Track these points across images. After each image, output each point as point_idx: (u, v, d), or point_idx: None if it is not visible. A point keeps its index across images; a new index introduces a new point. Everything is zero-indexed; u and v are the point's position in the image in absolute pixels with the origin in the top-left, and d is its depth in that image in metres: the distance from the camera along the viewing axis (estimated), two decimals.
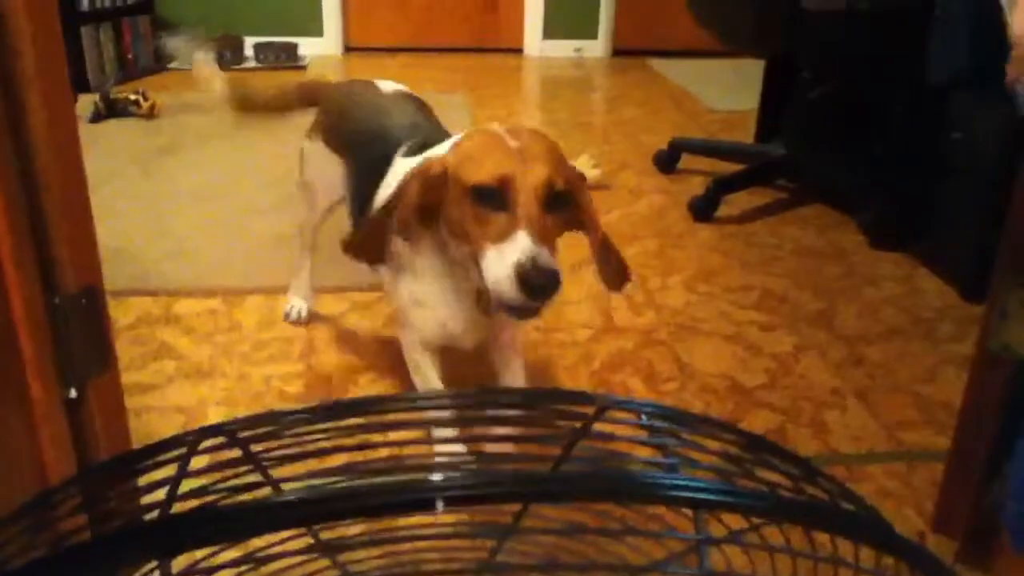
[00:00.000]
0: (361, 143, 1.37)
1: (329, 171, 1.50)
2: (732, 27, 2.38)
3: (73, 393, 0.93)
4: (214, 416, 1.46)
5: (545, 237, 0.98)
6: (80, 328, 0.93)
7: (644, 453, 0.37)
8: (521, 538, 0.42)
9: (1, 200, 0.81)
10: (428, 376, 1.30)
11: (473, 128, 1.13)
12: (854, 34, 2.21)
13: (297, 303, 1.81)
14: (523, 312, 1.00)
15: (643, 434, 0.36)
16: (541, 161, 1.02)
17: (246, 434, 0.34)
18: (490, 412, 0.44)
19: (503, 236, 0.98)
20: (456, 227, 1.06)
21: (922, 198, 2.12)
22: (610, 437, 0.37)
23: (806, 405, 1.55)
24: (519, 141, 1.04)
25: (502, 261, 0.97)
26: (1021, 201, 1.01)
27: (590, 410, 0.39)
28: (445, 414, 0.38)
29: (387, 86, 1.51)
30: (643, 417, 0.35)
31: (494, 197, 1.00)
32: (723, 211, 2.41)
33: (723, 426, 0.36)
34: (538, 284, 0.94)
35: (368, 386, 1.57)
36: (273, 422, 0.35)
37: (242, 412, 1.47)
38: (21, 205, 0.85)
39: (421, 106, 1.47)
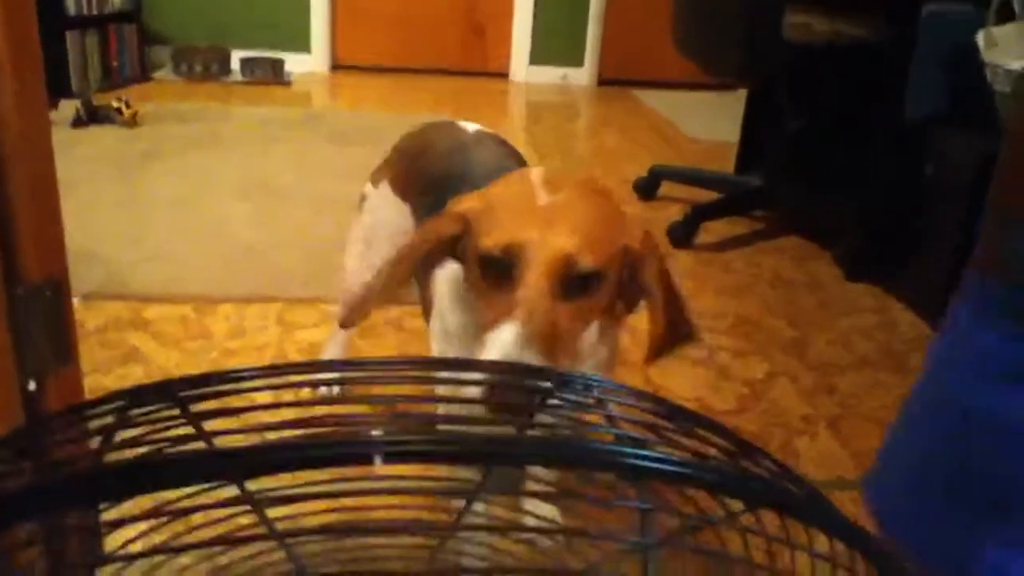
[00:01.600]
0: (437, 188, 1.15)
1: (392, 221, 1.30)
2: (714, 57, 2.40)
3: (32, 385, 0.91)
4: None
5: (552, 333, 0.77)
6: (42, 320, 0.92)
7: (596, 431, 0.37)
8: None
9: None
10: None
11: (517, 172, 0.93)
12: (834, 67, 2.24)
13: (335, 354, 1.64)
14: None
15: (596, 411, 0.35)
16: (569, 229, 0.80)
17: (186, 392, 0.33)
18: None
19: (498, 319, 0.77)
20: (473, 289, 0.87)
21: (897, 231, 2.15)
22: (564, 409, 0.37)
23: (776, 431, 1.55)
24: (554, 196, 0.83)
25: (488, 348, 0.76)
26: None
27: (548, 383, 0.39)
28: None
29: (470, 126, 1.31)
30: (594, 391, 0.35)
31: (500, 268, 0.80)
32: (701, 238, 2.42)
33: (655, 399, 0.36)
34: (503, 404, 0.62)
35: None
36: (216, 381, 0.34)
37: None
38: None
39: (507, 147, 1.27)
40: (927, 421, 0.89)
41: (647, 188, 2.79)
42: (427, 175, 1.20)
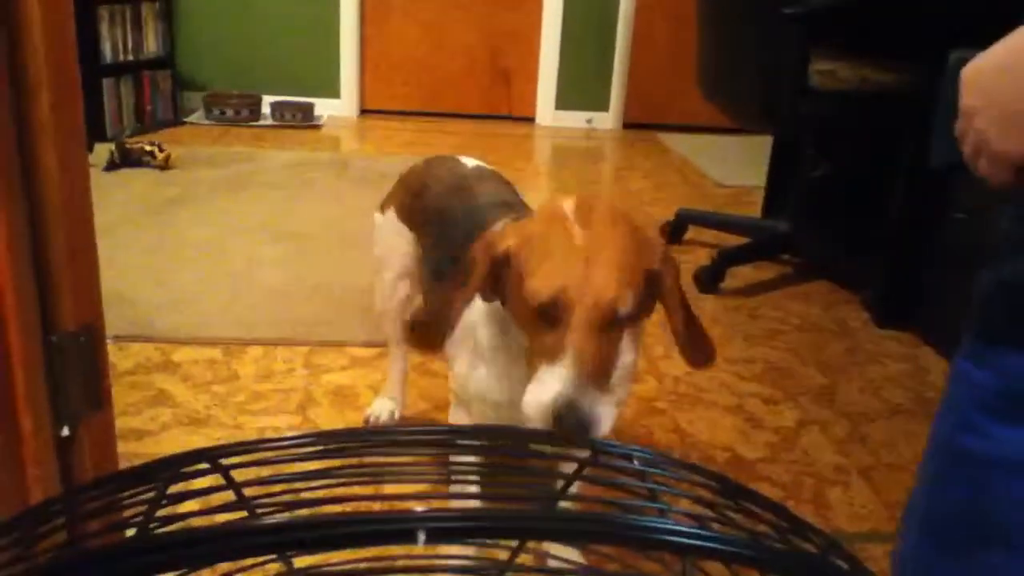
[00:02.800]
0: (439, 218, 1.26)
1: (400, 247, 1.40)
2: (740, 104, 2.41)
3: (66, 431, 0.92)
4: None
5: (599, 366, 0.86)
6: (77, 366, 0.93)
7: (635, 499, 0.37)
8: None
9: (5, 235, 0.82)
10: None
11: (545, 204, 1.00)
12: (859, 114, 2.24)
13: (383, 405, 1.65)
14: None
15: (634, 479, 0.35)
16: (608, 269, 0.87)
17: (229, 460, 0.33)
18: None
19: (550, 358, 0.86)
20: (518, 321, 0.96)
21: (926, 277, 2.13)
22: (603, 481, 0.36)
23: (808, 481, 1.52)
24: (588, 230, 0.90)
25: (540, 387, 0.86)
26: None
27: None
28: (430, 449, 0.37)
29: (469, 161, 1.41)
30: (634, 462, 0.34)
31: (548, 311, 0.88)
32: (728, 283, 2.41)
33: (709, 474, 0.35)
34: (570, 428, 0.82)
35: None
36: (257, 448, 0.34)
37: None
38: (26, 241, 0.85)
39: (503, 182, 1.36)
40: (924, 471, 0.88)
41: (673, 232, 2.79)
42: (430, 206, 1.30)
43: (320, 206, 2.97)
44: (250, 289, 2.19)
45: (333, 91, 4.64)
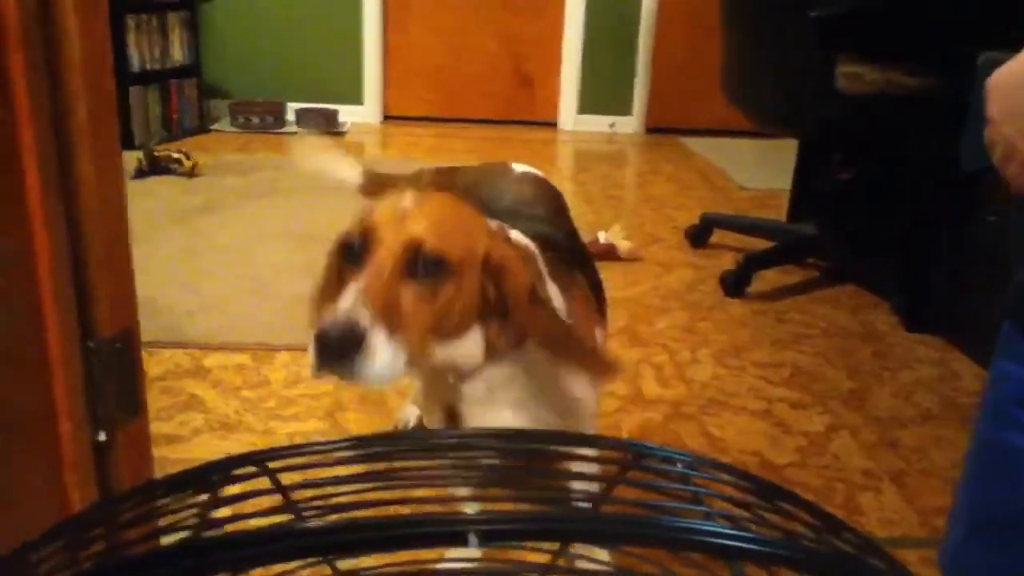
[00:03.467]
0: None
1: None
2: (765, 108, 2.40)
3: (103, 436, 0.93)
4: None
5: (389, 306, 0.80)
6: (113, 372, 0.94)
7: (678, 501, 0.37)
8: None
9: (46, 243, 0.83)
10: None
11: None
12: (886, 117, 2.22)
13: (412, 410, 1.63)
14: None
15: (678, 483, 0.35)
16: (420, 218, 0.86)
17: (275, 464, 0.34)
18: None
19: (341, 292, 0.82)
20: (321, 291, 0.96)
21: (957, 281, 2.11)
22: (646, 484, 0.36)
23: (838, 486, 1.51)
24: (421, 204, 0.89)
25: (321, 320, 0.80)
26: None
27: (626, 455, 0.39)
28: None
29: (518, 168, 1.39)
30: (677, 465, 0.35)
31: (355, 253, 0.86)
32: (754, 287, 2.40)
33: (746, 475, 0.35)
34: (328, 342, 0.74)
35: None
36: (303, 452, 0.35)
37: None
38: (65, 249, 0.87)
39: (540, 192, 1.32)
40: (968, 469, 0.88)
41: (698, 236, 2.78)
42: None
43: (344, 213, 2.98)
44: (278, 295, 2.21)
45: (356, 98, 4.67)
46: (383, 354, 0.77)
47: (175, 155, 3.32)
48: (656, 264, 2.61)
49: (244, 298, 2.19)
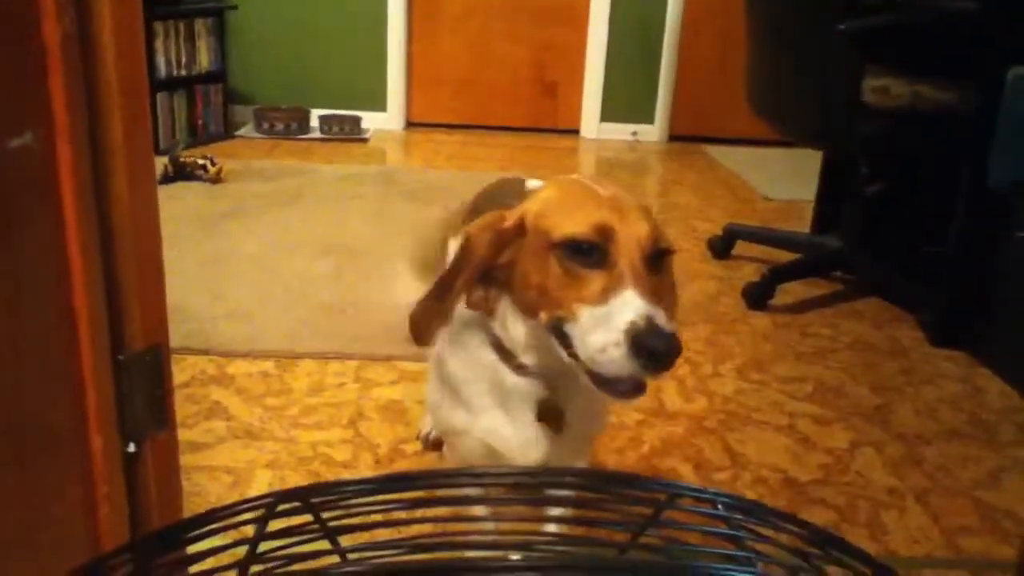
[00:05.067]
0: None
1: None
2: (791, 121, 2.39)
3: (132, 448, 0.94)
4: (261, 479, 1.46)
5: (655, 297, 0.82)
6: (143, 385, 0.95)
7: (717, 545, 0.37)
8: None
9: (80, 261, 0.84)
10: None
11: (550, 180, 0.98)
12: (915, 131, 2.20)
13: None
14: (626, 390, 0.83)
15: (718, 525, 0.35)
16: (640, 213, 0.87)
17: (319, 500, 0.34)
18: (553, 492, 0.43)
19: (605, 297, 0.81)
20: (531, 291, 0.89)
21: (984, 296, 2.09)
22: (681, 526, 0.36)
23: (862, 504, 1.50)
24: (609, 192, 0.90)
25: (607, 325, 0.80)
26: None
27: (660, 496, 0.39)
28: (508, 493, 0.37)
29: (532, 183, 1.32)
30: (719, 507, 0.35)
31: (590, 251, 0.84)
32: (777, 300, 2.39)
33: (800, 522, 0.35)
34: (655, 348, 0.77)
35: (415, 457, 1.56)
36: (344, 490, 0.35)
37: (289, 476, 1.47)
38: (98, 264, 0.88)
39: None
40: None
41: (721, 247, 2.77)
42: None
43: (368, 219, 3.00)
44: (301, 302, 2.23)
45: (380, 104, 4.69)
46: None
47: (200, 161, 3.35)
48: (678, 275, 2.59)
49: (269, 305, 2.20)
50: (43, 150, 0.79)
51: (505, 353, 0.98)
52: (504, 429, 1.01)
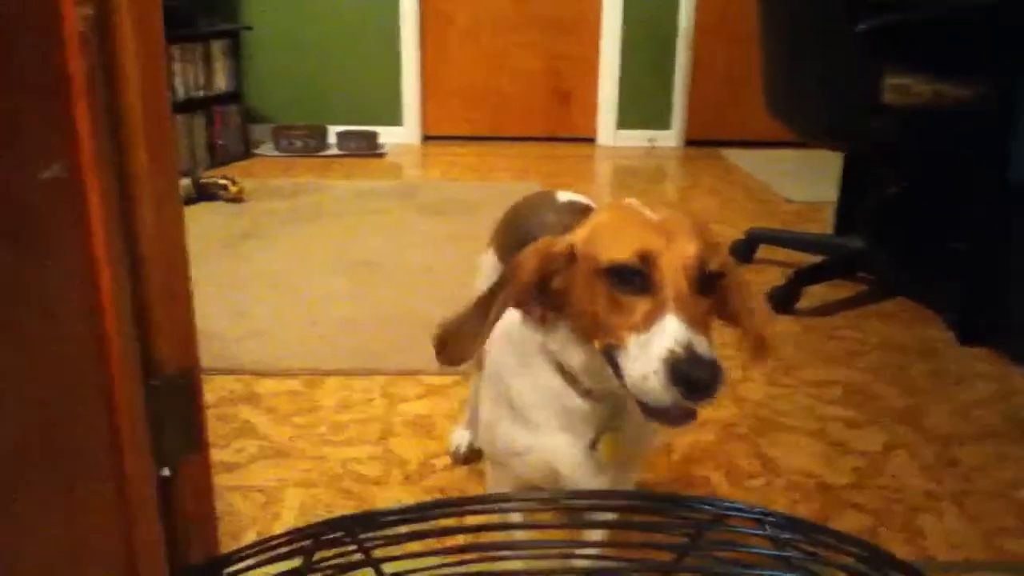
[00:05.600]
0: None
1: None
2: (811, 123, 2.38)
3: (166, 472, 0.94)
4: (293, 498, 1.47)
5: (700, 323, 0.81)
6: (176, 409, 0.95)
7: (767, 565, 0.36)
8: None
9: (109, 287, 0.85)
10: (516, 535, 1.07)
11: (603, 205, 0.98)
12: (935, 129, 2.18)
13: (462, 436, 1.61)
14: (676, 417, 0.82)
15: (765, 544, 0.34)
16: (688, 235, 0.85)
17: (364, 535, 0.34)
18: (596, 516, 0.43)
19: (647, 323, 0.80)
20: (585, 317, 0.89)
21: (1013, 293, 2.06)
22: (730, 545, 0.36)
23: (898, 507, 1.48)
24: (660, 216, 0.88)
25: (647, 353, 0.79)
26: None
27: (704, 517, 0.38)
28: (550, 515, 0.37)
29: (563, 196, 1.35)
30: (766, 527, 0.34)
31: (634, 277, 0.83)
32: (803, 302, 2.37)
33: (853, 540, 0.34)
34: (695, 377, 0.76)
35: (444, 472, 1.56)
36: (390, 521, 0.35)
37: (321, 495, 1.47)
38: (127, 291, 0.88)
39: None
40: None
41: (744, 251, 2.75)
42: (515, 241, 1.24)
43: (388, 235, 3.01)
44: (325, 320, 2.23)
45: (396, 119, 4.72)
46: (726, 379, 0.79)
47: (221, 181, 3.38)
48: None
49: (292, 324, 2.21)
50: (72, 180, 0.79)
51: (569, 377, 0.97)
52: (568, 450, 1.01)
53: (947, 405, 1.84)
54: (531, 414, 1.02)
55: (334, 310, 2.30)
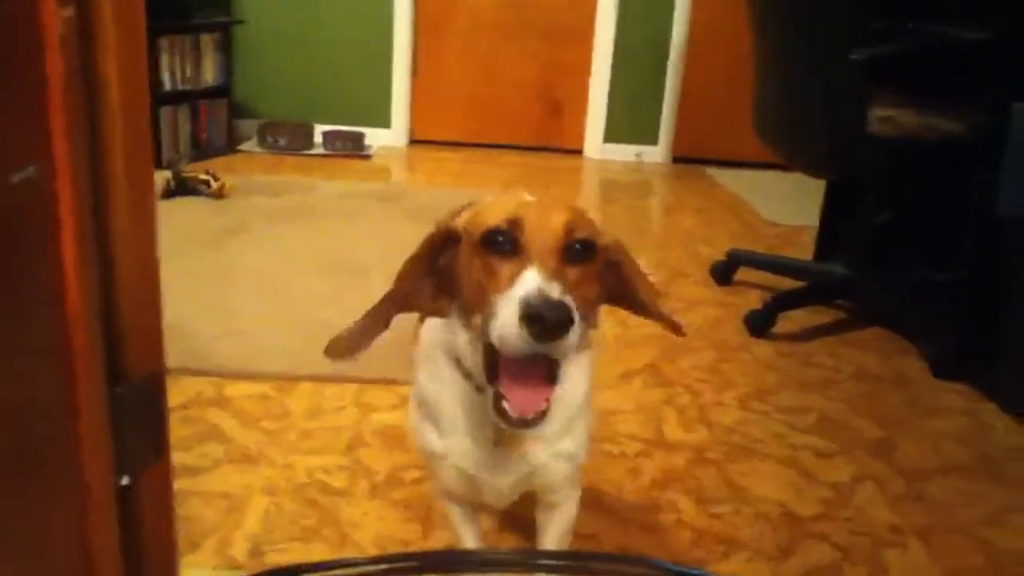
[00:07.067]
0: None
1: None
2: (798, 149, 2.39)
3: (126, 480, 0.93)
4: (257, 505, 1.45)
5: (562, 280, 0.84)
6: (139, 416, 0.93)
7: None
8: None
9: (77, 293, 0.83)
10: (460, 533, 1.18)
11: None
12: (922, 161, 2.20)
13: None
14: (521, 414, 0.85)
15: None
16: (559, 208, 0.90)
17: None
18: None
19: (512, 281, 0.84)
20: (469, 290, 0.92)
21: (989, 328, 2.07)
22: None
23: (863, 541, 1.48)
24: (539, 198, 0.95)
25: (508, 305, 0.82)
26: None
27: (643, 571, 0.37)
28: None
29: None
30: None
31: (504, 241, 0.87)
32: (780, 327, 2.38)
33: None
34: (544, 316, 0.78)
35: (413, 485, 1.55)
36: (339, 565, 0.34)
37: (285, 503, 1.46)
38: (96, 298, 0.87)
39: None
40: None
41: (724, 273, 2.76)
42: None
43: (371, 239, 2.99)
44: (302, 323, 2.21)
45: (384, 121, 4.70)
46: (578, 331, 0.81)
47: (203, 177, 3.35)
48: (681, 300, 2.59)
49: (269, 324, 2.19)
50: (45, 183, 0.78)
51: (465, 370, 0.99)
52: (473, 449, 1.02)
53: (917, 438, 1.85)
54: (441, 416, 1.04)
55: (311, 313, 2.28)
